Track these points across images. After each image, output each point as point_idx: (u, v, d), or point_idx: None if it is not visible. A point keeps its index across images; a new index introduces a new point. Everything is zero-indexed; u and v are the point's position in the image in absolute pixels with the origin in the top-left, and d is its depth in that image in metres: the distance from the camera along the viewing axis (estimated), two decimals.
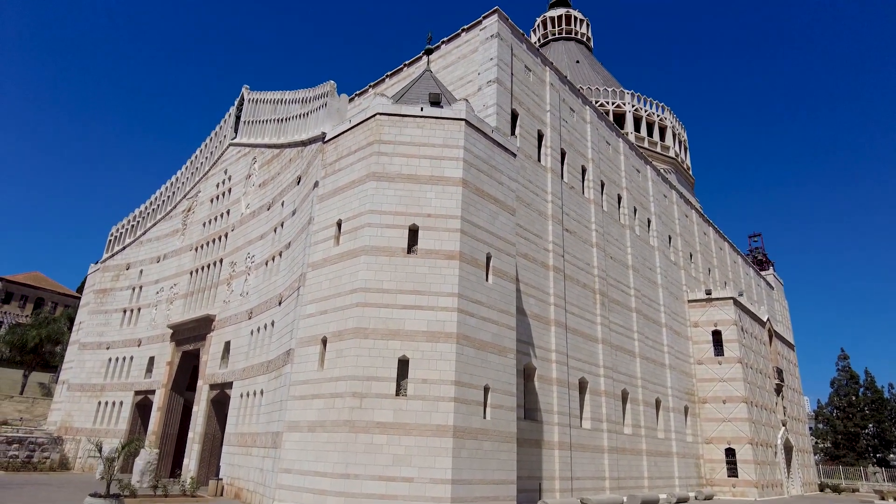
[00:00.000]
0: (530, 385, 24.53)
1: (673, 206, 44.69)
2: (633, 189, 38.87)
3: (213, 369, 27.47)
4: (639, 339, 33.77)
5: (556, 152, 30.58)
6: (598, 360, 29.35)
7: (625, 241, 35.90)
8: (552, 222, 28.62)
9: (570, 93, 34.13)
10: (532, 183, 28.09)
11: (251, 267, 27.62)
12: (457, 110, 20.49)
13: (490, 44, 28.41)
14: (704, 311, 41.29)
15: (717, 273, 49.77)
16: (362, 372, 16.89)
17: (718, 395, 39.51)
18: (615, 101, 58.32)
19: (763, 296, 61.87)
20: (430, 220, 18.72)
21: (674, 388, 36.32)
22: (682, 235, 44.64)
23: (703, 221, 50.83)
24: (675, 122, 60.00)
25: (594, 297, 30.78)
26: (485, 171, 20.62)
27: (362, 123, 20.87)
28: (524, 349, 24.21)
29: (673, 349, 37.66)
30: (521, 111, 28.63)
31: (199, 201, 36.06)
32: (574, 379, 27.08)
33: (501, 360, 18.97)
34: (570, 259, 29.49)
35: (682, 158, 59.94)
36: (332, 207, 20.48)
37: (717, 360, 40.15)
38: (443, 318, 17.52)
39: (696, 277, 45.36)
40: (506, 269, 20.37)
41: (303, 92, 28.50)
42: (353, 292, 18.01)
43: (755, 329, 45.25)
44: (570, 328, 27.89)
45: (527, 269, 25.92)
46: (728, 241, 55.53)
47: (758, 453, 39.26)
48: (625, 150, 39.06)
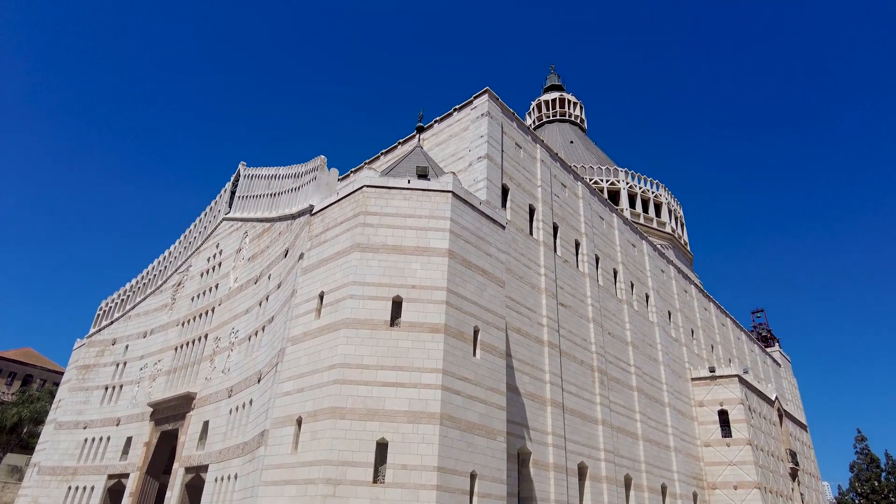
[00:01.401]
0: (525, 471, 22.94)
1: (671, 282, 44.07)
2: (630, 264, 38.42)
3: (191, 451, 25.94)
4: (641, 420, 32.13)
5: (548, 226, 30.37)
6: (598, 443, 27.72)
7: (623, 316, 35.02)
8: (546, 296, 27.93)
9: (561, 169, 34.42)
10: (524, 256, 27.66)
11: (234, 342, 26.71)
12: (443, 182, 20.38)
13: (481, 122, 28.88)
14: (709, 390, 39.67)
15: (720, 350, 48.38)
16: (337, 456, 15.69)
17: (729, 479, 37.18)
18: (609, 178, 59.09)
19: (770, 373, 59.96)
20: (415, 291, 18.10)
21: (680, 473, 34.19)
22: (682, 311, 43.72)
23: (703, 297, 50.02)
24: (670, 198, 60.51)
25: (592, 375, 29.54)
26: (472, 243, 20.21)
27: (349, 196, 20.73)
28: (518, 431, 22.85)
29: (678, 430, 35.81)
30: (511, 186, 28.67)
31: (190, 275, 35.60)
32: (573, 464, 25.42)
33: (490, 443, 17.72)
34: (565, 334, 28.55)
35: (679, 234, 59.95)
36: (315, 279, 19.94)
37: (724, 442, 38.10)
38: (426, 397, 16.49)
39: (699, 354, 44.00)
40: (495, 343, 19.51)
41: (296, 167, 28.70)
42: (331, 368, 17.10)
43: (763, 408, 43.34)
44: (568, 408, 26.53)
45: (520, 344, 24.97)
46: (730, 317, 54.44)
47: None
48: (619, 224, 38.96)
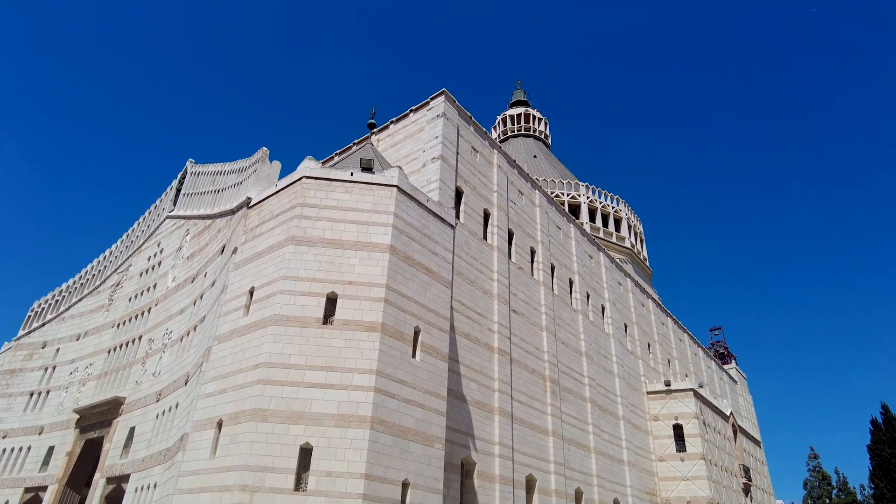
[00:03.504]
0: (469, 483, 21.88)
1: (629, 294, 43.90)
2: (586, 274, 38.05)
3: (114, 459, 24.11)
4: (594, 433, 31.44)
5: (503, 232, 29.72)
6: (548, 455, 26.86)
7: (577, 326, 34.48)
8: (498, 302, 27.15)
9: (518, 176, 33.94)
10: (476, 260, 26.87)
11: (167, 344, 25.11)
12: (388, 176, 19.48)
13: (436, 123, 28.18)
14: (664, 404, 39.36)
15: (677, 364, 48.35)
16: (256, 461, 14.42)
17: (682, 495, 36.73)
18: (570, 192, 59.22)
19: (726, 390, 60.36)
20: (352, 287, 17.06)
21: (633, 488, 33.54)
22: (638, 324, 43.53)
23: (660, 311, 50.07)
24: (629, 213, 60.90)
25: (544, 385, 28.77)
26: (417, 240, 19.30)
27: (288, 187, 19.65)
28: (462, 441, 21.83)
29: (632, 444, 35.26)
30: (466, 189, 27.97)
31: (130, 275, 33.76)
32: (520, 476, 24.46)
33: (427, 450, 16.66)
34: (517, 342, 27.76)
35: (639, 249, 60.27)
36: (247, 275, 18.72)
37: (679, 457, 37.72)
38: (356, 399, 15.39)
39: (655, 368, 43.80)
40: (437, 345, 18.54)
41: (240, 162, 27.47)
42: (255, 368, 15.87)
43: (718, 424, 43.26)
44: (517, 418, 25.64)
45: (468, 349, 24.05)
46: (688, 333, 54.66)
47: None
48: (576, 235, 38.65)
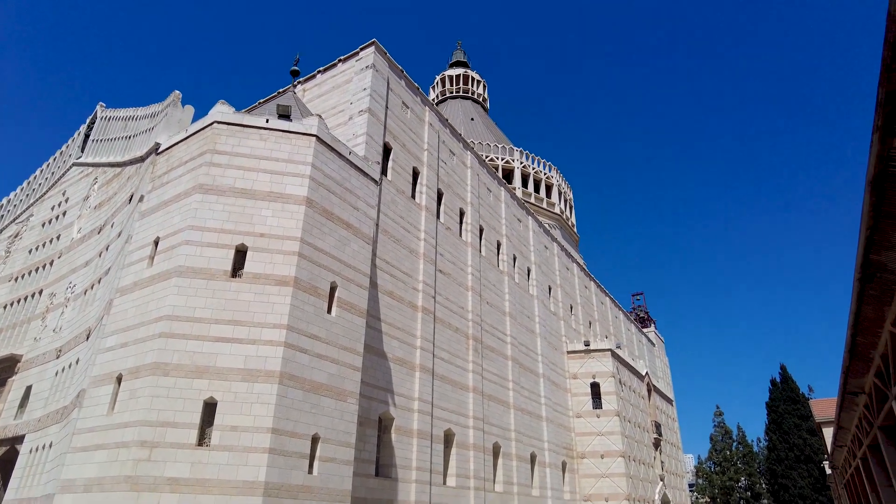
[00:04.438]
0: (386, 437, 22.06)
1: (554, 258, 44.95)
2: (514, 237, 38.56)
3: (8, 420, 22.72)
4: (514, 390, 32.38)
5: (432, 191, 29.45)
6: (467, 411, 27.45)
7: (503, 287, 35.04)
8: (424, 261, 27.06)
9: (451, 136, 33.59)
10: (403, 219, 26.55)
11: (70, 298, 23.60)
12: (307, 125, 18.68)
13: (365, 74, 27.25)
14: (583, 363, 40.99)
15: (597, 326, 50.31)
16: (157, 416, 13.85)
17: (597, 449, 38.71)
18: (505, 157, 59.46)
19: (644, 352, 63.57)
20: (263, 240, 16.41)
21: (551, 443, 35.01)
22: (562, 287, 44.78)
23: (584, 276, 51.68)
24: (561, 180, 61.96)
25: (467, 343, 29.19)
26: (337, 194, 18.74)
27: (198, 133, 18.51)
28: (381, 396, 21.88)
29: (550, 401, 36.63)
30: (395, 146, 27.38)
31: (30, 226, 31.35)
32: (439, 431, 24.91)
33: (339, 405, 16.53)
34: (442, 301, 27.90)
35: (568, 216, 61.63)
36: (152, 224, 17.65)
37: (595, 414, 39.57)
38: (265, 354, 14.98)
39: (577, 329, 45.40)
40: (355, 301, 18.26)
41: (154, 107, 25.69)
42: (157, 321, 15.11)
43: (634, 383, 45.58)
44: (439, 375, 25.95)
45: (391, 308, 23.92)
46: (610, 297, 56.82)
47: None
48: (506, 198, 38.93)
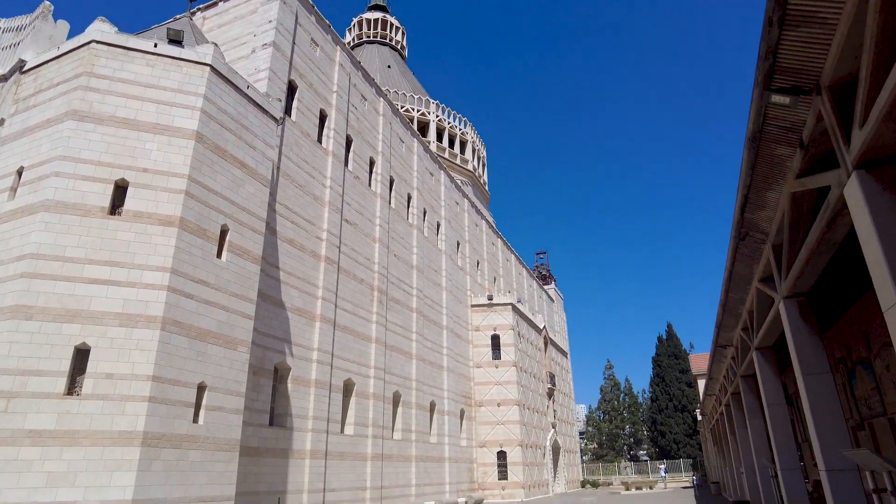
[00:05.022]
0: (282, 387, 21.59)
1: (464, 214, 45.30)
2: (425, 191, 38.30)
3: None
4: (417, 341, 32.75)
5: (340, 137, 28.35)
6: (369, 361, 27.45)
7: (411, 240, 34.90)
8: (329, 210, 26.21)
9: (363, 80, 32.31)
10: (308, 164, 25.43)
11: None
12: (201, 53, 17.10)
13: (271, 5, 25.33)
14: (486, 316, 42.13)
15: (501, 282, 51.74)
16: (16, 364, 12.58)
17: (494, 398, 40.32)
18: (421, 109, 58.42)
19: (544, 307, 66.41)
20: (147, 176, 15.05)
21: (451, 392, 36.01)
22: (470, 243, 45.39)
23: (492, 233, 52.64)
24: (475, 137, 62.00)
25: (372, 294, 28.95)
26: (232, 130, 17.47)
27: (73, 52, 16.44)
28: (278, 346, 21.26)
29: (452, 352, 37.49)
30: (301, 85, 25.92)
31: None
32: (338, 381, 24.76)
33: (229, 353, 15.84)
34: (347, 251, 27.31)
35: (480, 173, 62.08)
36: (15, 152, 15.68)
37: (494, 364, 41.04)
38: (146, 298, 13.93)
39: (482, 284, 46.43)
40: (249, 246, 17.36)
41: (20, 19, 22.56)
42: (20, 259, 13.57)
43: (532, 336, 47.58)
44: (341, 325, 25.61)
45: (292, 256, 23.07)
46: (515, 254, 58.42)
47: (527, 455, 40.75)
48: (419, 151, 38.40)
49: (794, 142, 6.09)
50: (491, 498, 38.08)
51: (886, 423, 16.36)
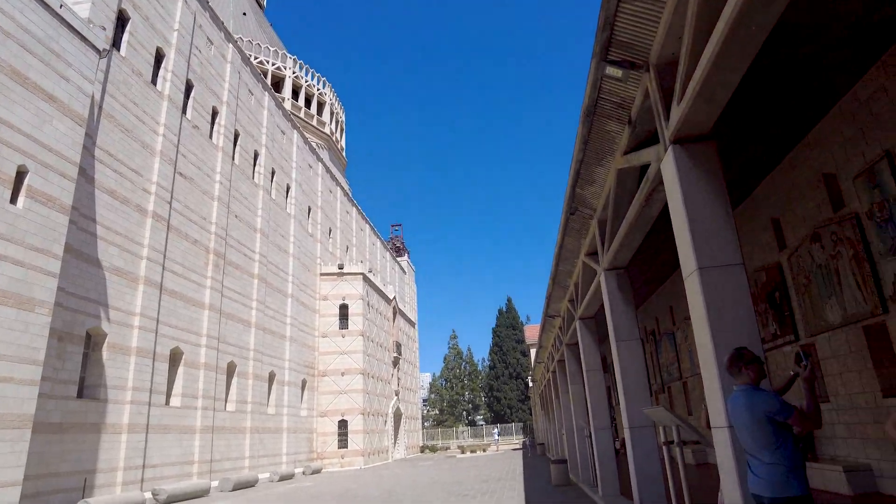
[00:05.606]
0: (96, 355, 19.24)
1: (318, 179, 43.72)
2: (275, 150, 36.20)
3: None
4: (258, 309, 31.13)
5: (179, 80, 25.55)
6: (201, 329, 25.51)
7: (256, 201, 32.86)
8: (161, 160, 23.60)
9: (210, 22, 29.36)
10: (138, 107, 22.58)
11: None
12: None
13: None
14: (335, 285, 41.33)
15: (354, 251, 51.06)
16: None
17: (338, 367, 39.89)
18: (277, 63, 54.94)
19: (396, 278, 66.92)
20: None
21: (292, 362, 34.92)
22: (323, 209, 44.02)
23: (347, 201, 51.57)
24: (334, 100, 59.92)
25: (207, 257, 26.82)
26: (37, 55, 14.81)
27: None
28: (92, 309, 18.82)
29: (297, 321, 36.31)
30: (135, 17, 22.81)
31: None
32: (164, 349, 22.69)
33: (25, 316, 13.64)
34: (180, 209, 24.90)
35: (337, 138, 60.29)
36: None
37: (340, 334, 40.52)
38: None
39: (333, 253, 45.41)
40: (56, 194, 14.99)
41: None
42: None
43: (381, 306, 47.71)
44: (169, 290, 23.40)
45: (112, 209, 20.45)
46: (369, 224, 57.92)
47: (368, 423, 41.03)
48: (270, 106, 36.09)
49: (624, 118, 6.39)
50: (330, 467, 37.87)
51: (681, 386, 18.75)
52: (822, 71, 7.67)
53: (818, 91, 8.30)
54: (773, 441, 3.41)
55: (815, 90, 8.26)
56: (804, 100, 8.45)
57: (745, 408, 3.51)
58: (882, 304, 8.23)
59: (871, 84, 8.01)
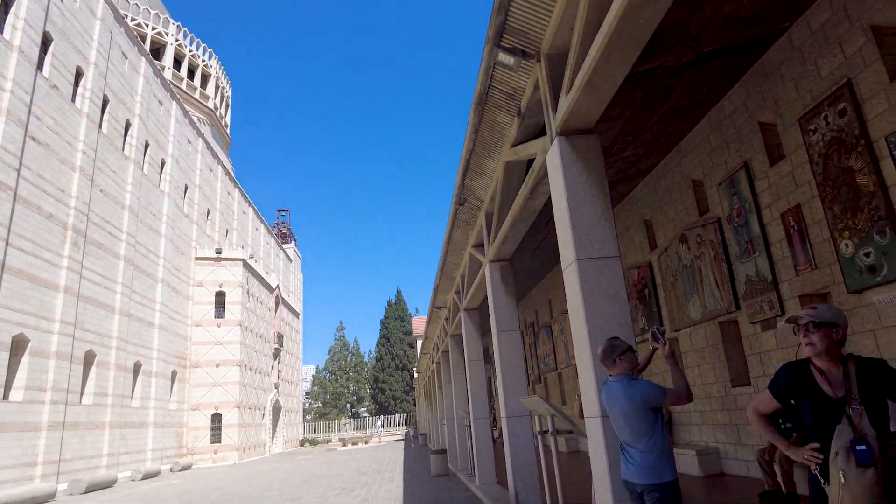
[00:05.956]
0: None
1: (197, 155, 40.80)
2: (150, 121, 33.24)
3: None
4: (123, 293, 28.45)
5: (34, 32, 22.56)
6: (52, 314, 22.82)
7: (126, 176, 29.98)
8: (8, 121, 20.73)
9: None
10: None
11: None
12: None
13: None
14: (212, 271, 38.85)
15: (235, 236, 48.36)
16: None
17: (213, 358, 37.62)
18: (158, 27, 50.50)
19: (280, 266, 64.39)
20: None
21: (161, 351, 32.37)
22: (202, 189, 41.18)
23: (229, 181, 48.71)
24: (221, 73, 56.28)
25: (64, 234, 24.03)
26: None
27: None
28: None
29: (168, 308, 33.69)
30: None
31: None
32: (5, 336, 20.01)
33: None
34: (31, 177, 22.06)
35: (222, 114, 56.72)
36: None
37: (216, 323, 38.21)
38: None
39: (211, 236, 42.67)
40: None
41: None
42: None
43: (263, 294, 45.65)
44: (13, 269, 20.64)
45: None
46: (253, 208, 55.19)
47: (244, 417, 39.13)
48: (148, 73, 33.07)
49: (514, 110, 6.37)
50: (201, 463, 35.66)
51: (556, 377, 19.60)
52: (692, 83, 8.18)
53: (690, 102, 8.87)
54: (649, 429, 3.47)
55: (687, 101, 8.82)
56: (678, 109, 9.00)
57: (625, 397, 3.53)
58: (735, 301, 8.99)
59: (735, 99, 8.68)
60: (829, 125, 6.75)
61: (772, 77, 7.81)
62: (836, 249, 6.79)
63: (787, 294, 7.85)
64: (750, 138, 8.45)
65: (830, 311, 2.63)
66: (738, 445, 9.18)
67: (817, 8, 6.96)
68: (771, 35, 7.51)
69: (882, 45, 6.27)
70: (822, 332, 2.58)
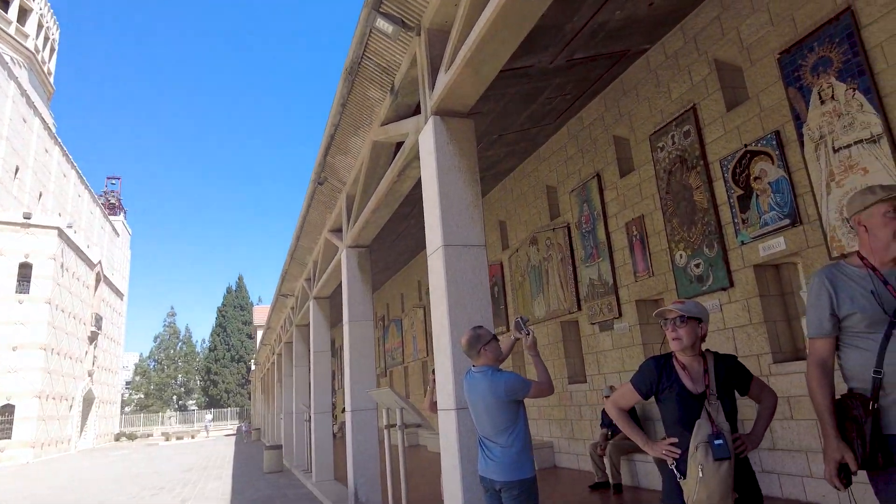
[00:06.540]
0: None
1: (7, 101, 34.82)
2: None
3: None
4: None
5: None
6: None
7: None
8: None
9: None
10: None
11: None
12: None
13: None
14: (18, 238, 33.33)
15: (50, 199, 42.08)
16: None
17: (9, 341, 32.26)
18: None
19: (105, 240, 57.40)
20: None
21: None
22: (11, 142, 35.23)
23: (49, 137, 42.30)
24: (47, 11, 48.74)
25: None
26: None
27: None
28: None
29: None
30: None
31: None
32: None
33: None
34: None
35: (45, 59, 49.12)
36: None
37: (18, 299, 32.87)
38: None
39: (20, 198, 36.68)
40: None
41: None
42: None
43: (81, 270, 40.23)
44: None
45: None
46: (77, 171, 48.56)
47: (46, 408, 34.10)
48: None
49: (387, 85, 6.04)
50: None
51: (402, 371, 19.58)
52: (558, 89, 8.47)
53: (553, 109, 9.19)
54: (511, 423, 3.32)
55: (551, 108, 9.12)
56: (542, 115, 9.27)
57: (489, 390, 3.35)
58: (578, 303, 9.48)
59: (594, 111, 9.15)
60: (675, 144, 7.32)
61: (629, 94, 8.32)
62: (671, 259, 7.37)
63: (625, 298, 8.41)
64: (604, 150, 8.95)
65: (697, 307, 2.65)
66: (572, 440, 9.70)
67: (672, 36, 7.52)
68: (633, 54, 7.99)
69: (722, 77, 6.92)
70: (690, 327, 2.59)
